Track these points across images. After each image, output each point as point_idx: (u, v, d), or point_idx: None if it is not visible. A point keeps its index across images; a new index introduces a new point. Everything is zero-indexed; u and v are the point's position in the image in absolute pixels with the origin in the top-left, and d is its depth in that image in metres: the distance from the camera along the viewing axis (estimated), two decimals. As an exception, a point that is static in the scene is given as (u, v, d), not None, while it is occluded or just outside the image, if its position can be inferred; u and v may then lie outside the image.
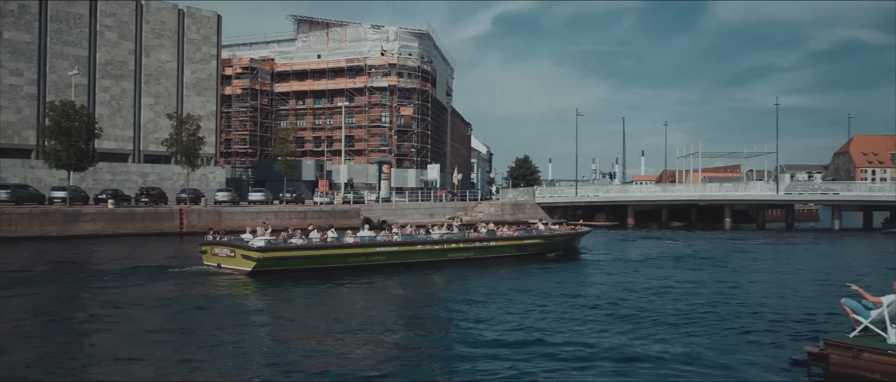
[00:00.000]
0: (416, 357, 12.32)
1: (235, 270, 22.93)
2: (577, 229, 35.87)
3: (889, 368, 9.76)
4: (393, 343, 13.48)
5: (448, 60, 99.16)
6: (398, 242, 26.49)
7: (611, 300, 18.47)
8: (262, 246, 23.00)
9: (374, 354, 12.39)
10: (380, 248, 25.68)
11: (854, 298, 11.78)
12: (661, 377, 10.97)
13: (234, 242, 23.96)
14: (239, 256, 22.94)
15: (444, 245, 27.68)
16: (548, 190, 75.78)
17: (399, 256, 26.03)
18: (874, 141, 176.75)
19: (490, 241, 29.51)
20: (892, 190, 65.07)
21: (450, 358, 12.17)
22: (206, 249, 24.38)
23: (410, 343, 13.64)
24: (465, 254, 28.16)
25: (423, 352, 12.71)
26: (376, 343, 13.25)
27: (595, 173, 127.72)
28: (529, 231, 32.84)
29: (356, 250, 25.18)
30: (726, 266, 28.60)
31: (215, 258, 23.79)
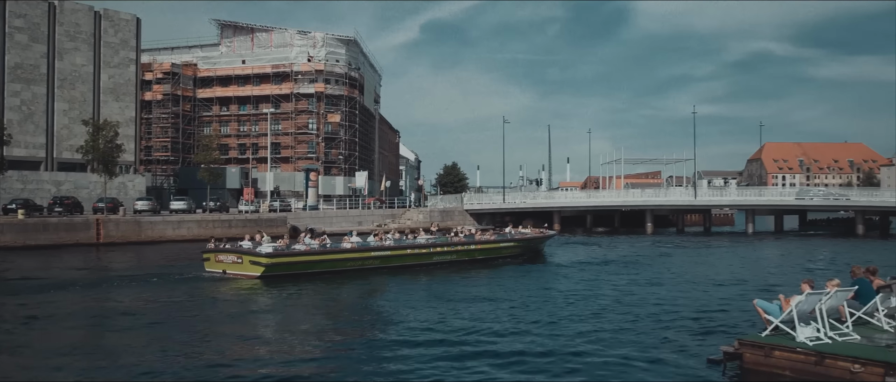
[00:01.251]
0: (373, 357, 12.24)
1: (244, 275, 24.15)
2: (545, 233, 37.75)
3: (797, 364, 10.24)
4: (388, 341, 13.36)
5: (376, 67, 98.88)
6: (390, 246, 28.26)
7: (536, 302, 18.76)
8: (270, 252, 24.53)
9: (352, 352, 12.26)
10: (374, 252, 27.35)
11: (766, 300, 12.33)
12: (582, 378, 11.18)
13: (239, 249, 25.18)
14: (247, 262, 24.34)
15: (430, 249, 29.43)
16: (476, 197, 76.37)
17: (391, 259, 27.68)
18: (784, 148, 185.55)
19: (470, 245, 31.39)
20: (800, 196, 68.45)
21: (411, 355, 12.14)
22: (210, 256, 25.50)
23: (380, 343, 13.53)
24: (448, 257, 29.93)
25: (358, 352, 12.61)
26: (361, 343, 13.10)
27: (522, 180, 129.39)
28: (504, 235, 34.71)
29: (353, 254, 26.91)
30: (648, 270, 29.40)
31: (220, 265, 25.06)
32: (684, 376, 11.15)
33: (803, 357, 10.18)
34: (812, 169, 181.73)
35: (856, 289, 12.02)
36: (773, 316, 11.23)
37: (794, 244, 48.91)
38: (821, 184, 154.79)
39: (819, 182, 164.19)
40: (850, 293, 11.80)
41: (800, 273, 21.44)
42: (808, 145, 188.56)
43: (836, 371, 9.78)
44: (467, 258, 30.74)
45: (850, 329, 11.03)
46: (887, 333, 11.15)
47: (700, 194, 67.03)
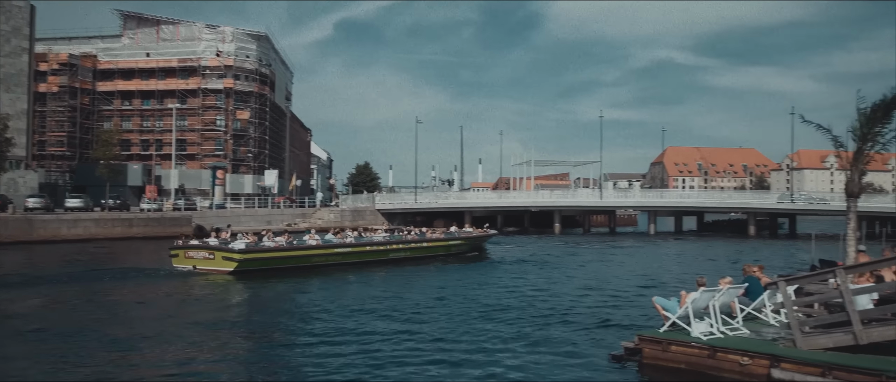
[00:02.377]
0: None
1: (216, 271, 24.86)
2: (487, 232, 40.42)
3: (692, 358, 10.78)
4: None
5: (288, 64, 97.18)
6: (351, 243, 29.97)
7: (446, 300, 18.93)
8: (242, 248, 25.42)
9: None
10: (337, 249, 28.95)
11: (665, 297, 12.90)
12: (485, 376, 11.37)
13: (208, 245, 26.10)
14: (219, 257, 25.11)
15: (387, 246, 31.52)
16: (388, 197, 76.22)
17: (352, 256, 29.30)
18: (684, 152, 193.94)
19: (422, 242, 33.75)
20: (698, 198, 71.78)
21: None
22: (178, 252, 26.19)
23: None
24: (403, 254, 32.03)
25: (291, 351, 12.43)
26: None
27: (434, 180, 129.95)
28: (452, 234, 36.96)
29: (319, 251, 28.25)
30: (556, 268, 30.16)
31: (190, 261, 25.72)
32: (586, 371, 11.52)
33: (697, 350, 10.73)
34: (710, 173, 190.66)
35: (746, 286, 12.75)
36: (670, 312, 11.77)
37: (692, 244, 51.24)
38: (717, 187, 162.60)
39: (715, 185, 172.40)
40: (741, 289, 12.50)
41: (696, 271, 22.48)
42: (707, 149, 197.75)
43: (727, 364, 10.35)
44: (420, 255, 32.80)
45: (740, 324, 11.68)
46: (773, 327, 11.88)
47: (606, 196, 69.27)
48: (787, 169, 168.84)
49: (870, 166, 17.06)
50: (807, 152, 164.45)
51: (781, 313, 11.69)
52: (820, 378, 9.35)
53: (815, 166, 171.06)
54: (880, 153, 16.80)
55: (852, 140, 16.57)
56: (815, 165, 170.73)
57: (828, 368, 9.33)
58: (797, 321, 10.39)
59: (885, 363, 9.15)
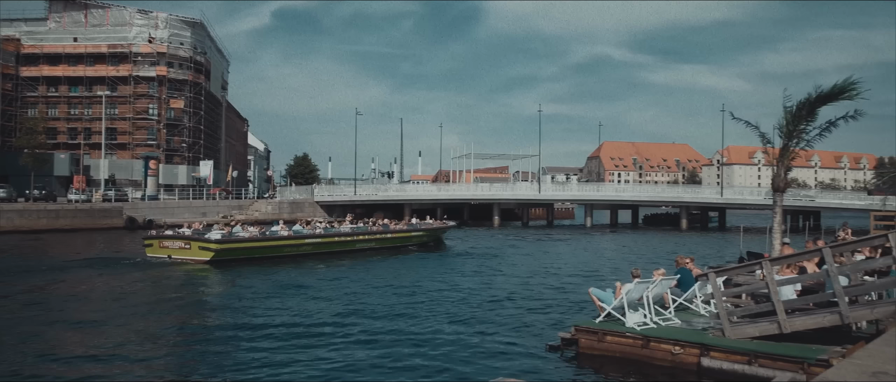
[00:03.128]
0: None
1: (192, 260, 26.08)
2: (446, 224, 42.50)
3: (626, 348, 11.06)
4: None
5: (224, 53, 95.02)
6: (321, 235, 31.37)
7: (378, 295, 18.93)
8: (219, 238, 26.74)
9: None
10: (307, 240, 30.37)
11: (600, 287, 13.17)
12: (422, 367, 11.42)
13: (184, 235, 27.28)
14: (196, 247, 26.33)
15: (353, 237, 32.87)
16: (327, 188, 75.49)
17: (322, 246, 30.73)
18: (620, 147, 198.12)
19: (386, 234, 35.21)
20: (633, 192, 73.43)
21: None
22: (152, 242, 27.48)
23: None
24: (368, 244, 33.50)
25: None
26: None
27: (374, 172, 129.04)
28: (415, 225, 38.83)
29: (290, 241, 29.67)
30: (495, 260, 30.45)
31: (165, 250, 26.91)
32: (524, 361, 11.68)
33: (631, 341, 11.01)
34: (644, 167, 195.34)
35: (678, 278, 13.13)
36: (606, 303, 12.04)
37: (627, 237, 52.43)
38: (651, 181, 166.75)
39: (650, 179, 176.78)
40: (673, 281, 12.87)
41: (631, 263, 23.01)
42: (642, 144, 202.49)
43: (660, 353, 10.65)
44: (384, 246, 34.40)
45: (672, 315, 12.02)
46: (703, 317, 12.27)
47: (544, 189, 70.16)
48: (718, 164, 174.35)
49: (795, 163, 17.76)
50: (736, 147, 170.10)
51: (711, 303, 12.07)
52: (746, 366, 9.71)
53: (744, 161, 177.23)
54: (805, 150, 17.51)
55: (779, 137, 17.21)
56: (744, 160, 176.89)
57: (754, 356, 9.70)
58: (726, 311, 10.74)
59: (807, 350, 9.56)
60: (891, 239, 9.86)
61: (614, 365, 10.91)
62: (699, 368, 10.15)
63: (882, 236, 10.86)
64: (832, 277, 9.90)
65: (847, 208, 62.40)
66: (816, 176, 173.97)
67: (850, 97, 15.65)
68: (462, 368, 11.35)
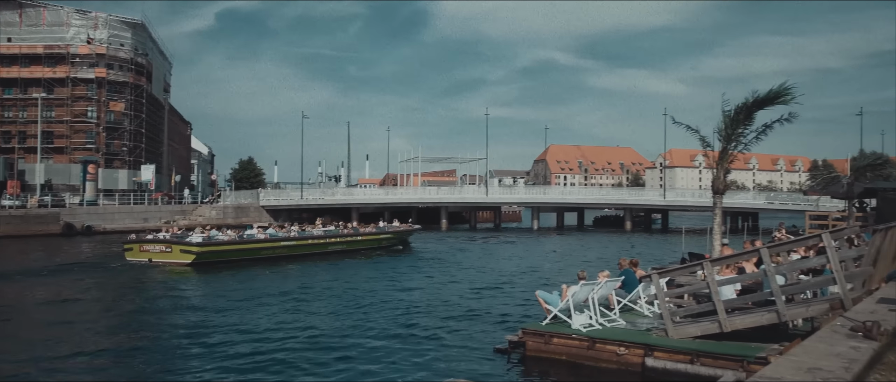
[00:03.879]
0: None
1: (173, 263, 27.18)
2: (412, 227, 43.84)
3: (572, 349, 11.18)
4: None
5: (166, 55, 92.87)
6: (295, 237, 32.88)
7: (334, 298, 18.78)
8: (200, 242, 28.01)
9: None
10: (283, 242, 31.92)
11: (547, 290, 13.29)
12: (373, 371, 11.36)
13: (164, 239, 28.38)
14: (177, 250, 27.53)
15: (326, 240, 34.25)
16: (273, 193, 74.45)
17: (296, 248, 32.21)
18: (566, 150, 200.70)
19: (357, 236, 36.62)
20: (579, 194, 74.51)
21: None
22: (132, 246, 28.62)
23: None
24: (340, 246, 34.81)
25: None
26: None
27: (321, 176, 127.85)
28: (383, 229, 39.90)
29: (267, 244, 31.19)
30: (443, 264, 30.51)
31: (145, 254, 28.04)
32: (471, 365, 11.71)
33: (577, 342, 11.13)
34: (589, 170, 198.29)
35: (622, 279, 13.35)
36: (552, 306, 12.15)
37: (573, 239, 53.11)
38: (596, 184, 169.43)
39: (595, 182, 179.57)
40: (618, 282, 13.08)
41: (577, 265, 23.32)
42: (587, 148, 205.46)
43: (605, 354, 10.80)
44: (355, 248, 35.66)
45: (617, 316, 12.21)
46: (648, 318, 12.50)
47: (491, 193, 70.58)
48: (661, 167, 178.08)
49: (733, 165, 18.28)
50: (678, 151, 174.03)
51: (655, 304, 12.30)
52: (689, 365, 9.92)
53: (686, 164, 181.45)
54: (743, 153, 18.03)
55: (718, 140, 17.68)
56: (686, 163, 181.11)
57: (696, 355, 9.92)
58: (669, 311, 10.96)
59: (746, 349, 9.82)
60: (824, 239, 10.20)
61: (561, 367, 11.02)
62: (643, 368, 10.33)
63: (816, 236, 11.24)
64: (769, 276, 10.20)
65: (783, 209, 64.46)
66: (754, 178, 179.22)
67: (785, 102, 16.19)
68: (410, 372, 11.33)
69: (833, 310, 9.78)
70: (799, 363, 5.61)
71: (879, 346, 6.47)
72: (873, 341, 6.56)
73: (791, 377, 5.12)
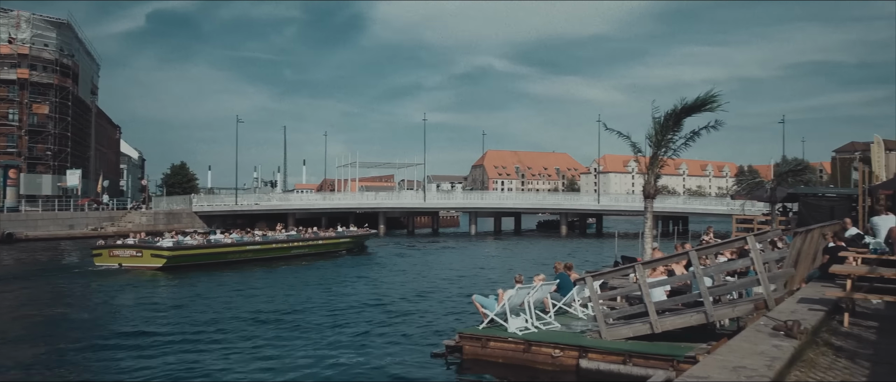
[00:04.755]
0: None
1: (144, 267, 27.82)
2: (368, 231, 46.34)
3: (509, 353, 11.28)
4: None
5: (94, 56, 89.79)
6: (260, 242, 34.24)
7: (273, 303, 18.48)
8: (170, 246, 29.02)
9: None
10: (249, 246, 33.12)
11: (484, 294, 13.37)
12: (308, 377, 11.24)
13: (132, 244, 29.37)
14: (148, 255, 28.39)
15: (289, 244, 35.93)
16: (206, 198, 72.87)
17: (261, 252, 33.54)
18: (503, 156, 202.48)
19: (318, 240, 38.23)
20: (515, 199, 75.29)
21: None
22: (102, 252, 29.07)
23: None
24: (303, 250, 36.28)
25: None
26: None
27: (256, 182, 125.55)
28: (342, 233, 41.75)
29: (235, 248, 32.22)
30: (382, 270, 30.38)
31: (115, 259, 28.60)
32: (409, 370, 11.70)
33: (514, 345, 11.24)
34: (526, 175, 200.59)
35: (558, 282, 13.55)
36: (489, 310, 12.24)
37: (510, 244, 53.64)
38: (533, 189, 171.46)
39: (531, 188, 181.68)
40: (553, 286, 13.28)
41: (514, 270, 23.55)
42: (524, 153, 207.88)
43: (541, 356, 10.94)
44: (316, 252, 37.11)
45: (552, 318, 12.38)
46: (582, 320, 12.72)
47: (429, 198, 70.67)
48: (595, 173, 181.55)
49: (664, 171, 18.79)
50: (612, 156, 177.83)
51: (589, 306, 12.51)
52: (622, 365, 10.14)
53: (619, 169, 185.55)
54: (673, 158, 18.54)
55: (649, 146, 18.14)
56: (620, 169, 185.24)
57: (628, 356, 10.15)
58: (602, 313, 11.17)
59: (676, 349, 10.10)
60: (749, 242, 10.57)
61: (497, 370, 11.10)
62: (578, 369, 10.50)
63: (741, 239, 11.64)
64: (698, 278, 10.51)
65: (712, 212, 66.51)
66: (684, 183, 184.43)
67: (711, 109, 16.74)
68: (347, 378, 11.24)
69: (757, 310, 10.14)
70: (725, 361, 5.79)
71: (799, 344, 6.74)
72: (794, 339, 6.82)
73: (717, 375, 5.28)
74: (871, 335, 8.12)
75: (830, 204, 23.60)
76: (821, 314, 8.58)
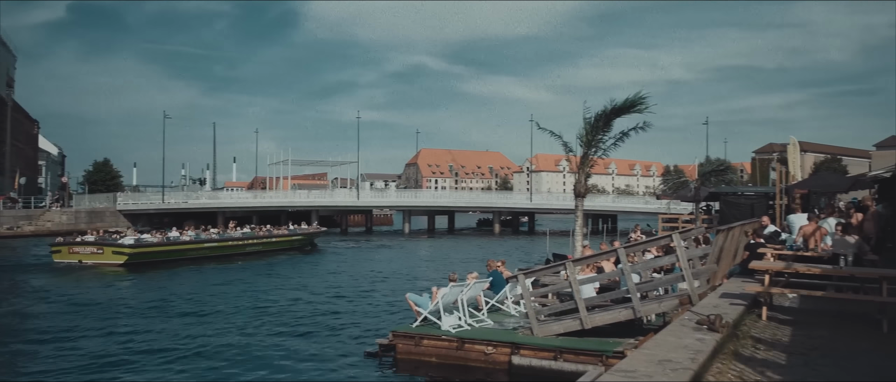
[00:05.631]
0: None
1: (105, 264, 28.27)
2: (319, 229, 48.38)
3: (442, 351, 11.34)
4: None
5: (10, 47, 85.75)
6: (217, 239, 35.61)
7: (206, 303, 18.08)
8: (132, 243, 29.68)
9: None
10: (206, 244, 34.30)
11: (417, 292, 13.40)
12: (244, 376, 11.08)
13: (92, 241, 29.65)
14: (109, 252, 28.79)
15: (244, 241, 37.21)
16: (131, 196, 70.59)
17: (218, 249, 34.62)
18: (437, 154, 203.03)
19: (271, 238, 39.76)
20: (449, 198, 75.63)
21: None
22: (61, 249, 29.48)
23: None
24: (257, 247, 37.55)
25: None
26: None
27: (185, 179, 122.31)
28: (294, 231, 43.89)
29: (193, 245, 33.27)
30: (314, 269, 30.09)
31: (75, 256, 28.97)
32: (343, 370, 11.63)
33: (447, 343, 11.31)
34: (460, 174, 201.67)
35: (491, 280, 13.69)
36: (422, 308, 12.27)
37: (444, 242, 53.84)
38: (467, 187, 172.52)
39: (465, 186, 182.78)
40: (486, 283, 13.41)
41: (448, 268, 23.68)
42: (457, 152, 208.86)
43: (474, 354, 11.04)
44: (270, 249, 38.48)
45: (485, 316, 12.50)
46: (514, 317, 12.89)
47: (363, 196, 70.28)
48: (528, 171, 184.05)
49: (594, 170, 19.22)
50: (544, 156, 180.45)
51: (521, 304, 12.69)
52: (553, 361, 10.33)
53: (551, 169, 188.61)
54: (602, 158, 18.98)
55: (580, 146, 18.53)
56: (552, 168, 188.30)
57: (559, 352, 10.34)
58: (534, 310, 11.35)
59: (605, 344, 10.35)
60: (674, 239, 10.92)
61: (431, 368, 11.15)
62: (510, 366, 10.64)
63: (667, 236, 12.02)
64: (626, 275, 10.80)
65: (640, 211, 68.32)
66: (614, 182, 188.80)
67: (639, 110, 17.23)
68: (280, 377, 11.10)
69: (682, 305, 10.50)
70: (651, 355, 5.98)
71: (721, 337, 7.02)
72: (716, 333, 7.10)
73: (644, 369, 5.45)
74: (787, 327, 8.51)
75: (750, 203, 24.57)
76: (741, 308, 8.96)
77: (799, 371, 6.26)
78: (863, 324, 8.65)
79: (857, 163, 74.37)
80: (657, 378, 5.21)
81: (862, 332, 8.24)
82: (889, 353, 7.11)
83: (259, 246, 37.87)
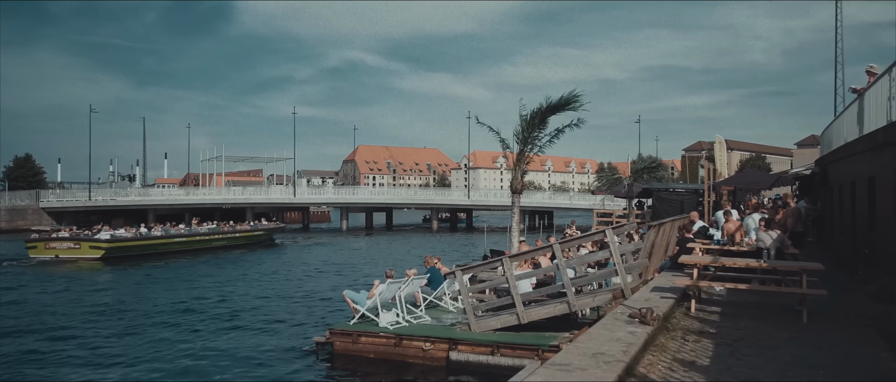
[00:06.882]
0: None
1: (82, 258, 29.42)
2: (280, 225, 51.86)
3: (380, 347, 11.33)
4: None
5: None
6: (185, 234, 37.77)
7: (148, 301, 17.60)
8: (108, 238, 31.34)
9: None
10: (176, 238, 36.27)
11: (355, 289, 13.34)
12: (177, 374, 10.86)
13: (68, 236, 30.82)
14: (86, 247, 30.22)
15: (210, 236, 39.54)
16: (56, 194, 67.91)
17: (187, 244, 36.58)
18: (375, 151, 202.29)
19: (235, 233, 42.41)
20: (387, 195, 75.43)
21: None
22: (37, 244, 30.61)
23: None
24: (222, 242, 40.00)
25: None
26: None
27: (113, 176, 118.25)
28: (256, 227, 46.83)
29: (164, 240, 35.22)
30: (247, 267, 29.58)
31: (51, 251, 30.05)
32: (279, 368, 11.49)
33: (385, 340, 11.29)
34: (398, 171, 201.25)
35: (428, 276, 13.73)
36: (360, 305, 12.22)
37: (382, 239, 53.68)
38: (405, 184, 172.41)
39: (403, 182, 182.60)
40: (424, 280, 13.43)
41: (386, 265, 23.63)
42: (395, 148, 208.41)
43: (412, 350, 11.06)
44: (235, 243, 40.88)
45: (423, 312, 12.53)
46: (452, 313, 12.96)
47: (299, 193, 69.47)
48: (465, 168, 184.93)
49: (530, 167, 19.49)
50: (482, 152, 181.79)
51: (459, 300, 12.76)
52: (490, 356, 10.43)
53: (488, 165, 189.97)
54: (538, 155, 19.26)
55: (516, 143, 18.75)
56: (489, 165, 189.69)
57: (496, 347, 10.45)
58: (471, 306, 11.43)
59: (541, 338, 10.51)
60: (608, 235, 11.17)
61: (369, 365, 11.11)
62: (448, 362, 10.70)
63: (601, 232, 12.27)
64: (561, 270, 10.99)
65: (575, 207, 69.52)
66: (549, 179, 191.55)
67: (574, 108, 17.55)
68: (216, 376, 10.91)
69: (615, 299, 10.74)
70: (585, 348, 6.11)
71: (652, 330, 7.23)
72: (647, 326, 7.30)
73: (578, 362, 5.56)
74: (715, 319, 8.82)
75: (680, 199, 25.33)
76: (671, 301, 9.23)
77: (725, 361, 6.50)
78: (785, 314, 9.04)
79: (780, 161, 77.37)
80: (591, 370, 5.33)
81: (784, 322, 8.60)
82: (808, 342, 7.45)
83: (224, 241, 40.28)
